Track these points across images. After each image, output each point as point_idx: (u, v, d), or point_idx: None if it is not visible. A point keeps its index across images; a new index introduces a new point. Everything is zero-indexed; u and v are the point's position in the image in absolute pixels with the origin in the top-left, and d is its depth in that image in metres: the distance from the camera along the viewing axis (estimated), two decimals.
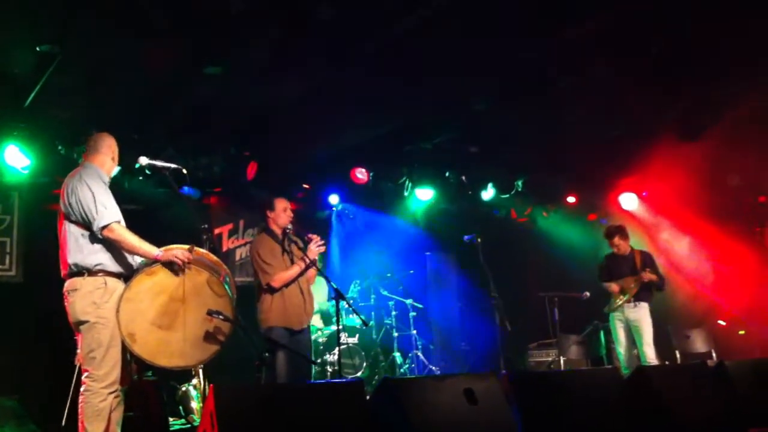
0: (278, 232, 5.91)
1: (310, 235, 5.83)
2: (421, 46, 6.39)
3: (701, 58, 6.95)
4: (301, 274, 5.81)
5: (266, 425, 3.54)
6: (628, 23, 6.28)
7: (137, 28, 5.75)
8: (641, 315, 7.88)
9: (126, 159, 4.92)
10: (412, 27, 6.07)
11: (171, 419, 6.45)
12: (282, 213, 5.90)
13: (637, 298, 7.91)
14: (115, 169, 4.76)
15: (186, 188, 7.83)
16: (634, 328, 7.89)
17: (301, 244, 5.87)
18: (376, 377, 8.79)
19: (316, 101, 7.40)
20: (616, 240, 8.17)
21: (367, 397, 4.21)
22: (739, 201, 10.10)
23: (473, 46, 6.42)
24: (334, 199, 9.98)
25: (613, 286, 8.03)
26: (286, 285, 5.73)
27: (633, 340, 7.95)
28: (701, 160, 8.84)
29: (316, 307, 8.66)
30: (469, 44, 6.39)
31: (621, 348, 8.01)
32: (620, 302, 7.93)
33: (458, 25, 6.12)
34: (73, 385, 4.25)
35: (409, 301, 9.67)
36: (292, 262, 5.83)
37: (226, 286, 4.52)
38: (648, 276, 7.84)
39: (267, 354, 5.25)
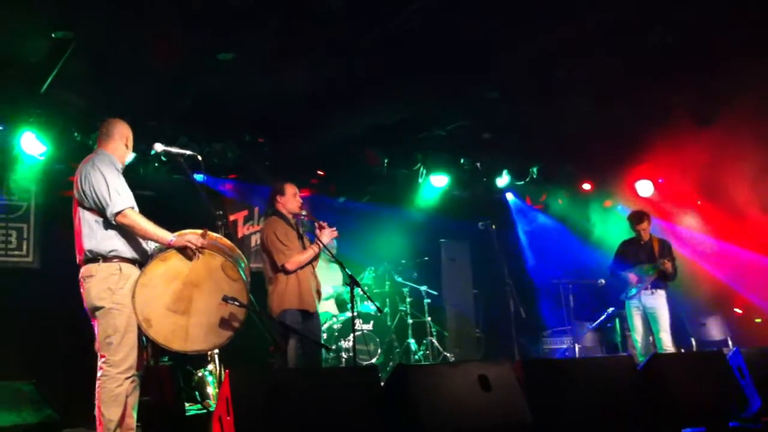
0: (289, 217, 5.91)
1: (321, 222, 5.83)
2: (429, 36, 6.39)
3: (710, 47, 6.90)
4: (315, 258, 5.83)
5: (281, 410, 3.56)
6: (636, 14, 6.25)
7: (147, 17, 5.75)
8: (658, 302, 7.82)
9: (141, 145, 4.90)
10: (419, 18, 6.06)
11: (187, 404, 6.48)
12: (292, 198, 5.89)
13: (655, 285, 7.86)
14: (130, 156, 4.71)
15: (201, 174, 7.85)
16: (651, 316, 7.85)
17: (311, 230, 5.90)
18: (391, 363, 8.79)
19: (328, 90, 7.40)
20: (645, 224, 8.09)
21: (382, 384, 4.22)
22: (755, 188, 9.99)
23: (480, 37, 6.42)
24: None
25: (631, 276, 7.97)
26: (300, 268, 5.74)
27: (650, 328, 7.89)
28: (716, 146, 8.75)
29: (331, 291, 8.75)
30: (475, 35, 6.39)
31: (637, 335, 7.96)
32: (637, 290, 7.89)
33: (466, 15, 6.10)
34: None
35: (423, 288, 9.66)
36: (304, 248, 5.84)
37: (241, 270, 4.52)
38: (667, 264, 7.78)
39: (281, 338, 5.30)
